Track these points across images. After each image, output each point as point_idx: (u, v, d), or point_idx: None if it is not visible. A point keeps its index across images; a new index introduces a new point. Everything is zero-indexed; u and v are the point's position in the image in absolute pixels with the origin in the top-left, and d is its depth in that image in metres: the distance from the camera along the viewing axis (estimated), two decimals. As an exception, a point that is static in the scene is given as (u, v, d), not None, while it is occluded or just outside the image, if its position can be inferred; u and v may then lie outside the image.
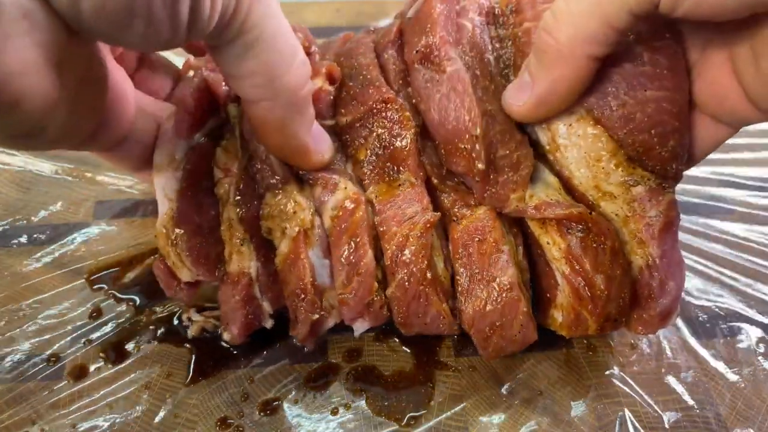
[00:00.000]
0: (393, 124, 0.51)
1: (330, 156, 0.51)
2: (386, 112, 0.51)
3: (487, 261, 0.49)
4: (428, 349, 0.57)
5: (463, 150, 0.48)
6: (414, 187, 0.50)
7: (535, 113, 0.46)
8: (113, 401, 0.53)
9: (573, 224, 0.47)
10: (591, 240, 0.47)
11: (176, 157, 0.51)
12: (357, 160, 0.52)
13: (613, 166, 0.47)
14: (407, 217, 0.49)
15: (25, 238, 0.63)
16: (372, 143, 0.51)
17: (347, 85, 0.54)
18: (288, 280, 0.50)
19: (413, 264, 0.48)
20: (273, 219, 0.50)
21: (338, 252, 0.49)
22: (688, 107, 0.46)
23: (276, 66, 0.41)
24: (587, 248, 0.47)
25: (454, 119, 0.48)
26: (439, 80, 0.49)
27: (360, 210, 0.49)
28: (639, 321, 0.50)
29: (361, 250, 0.49)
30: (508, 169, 0.49)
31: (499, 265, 0.49)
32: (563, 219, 0.47)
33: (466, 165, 0.48)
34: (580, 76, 0.43)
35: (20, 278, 0.60)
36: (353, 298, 0.49)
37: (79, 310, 0.58)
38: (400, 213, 0.50)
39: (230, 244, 0.51)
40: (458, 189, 0.51)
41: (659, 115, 0.45)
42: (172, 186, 0.51)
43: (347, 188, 0.50)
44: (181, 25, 0.33)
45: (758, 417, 0.54)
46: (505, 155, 0.49)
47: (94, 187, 0.68)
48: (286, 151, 0.48)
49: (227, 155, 0.53)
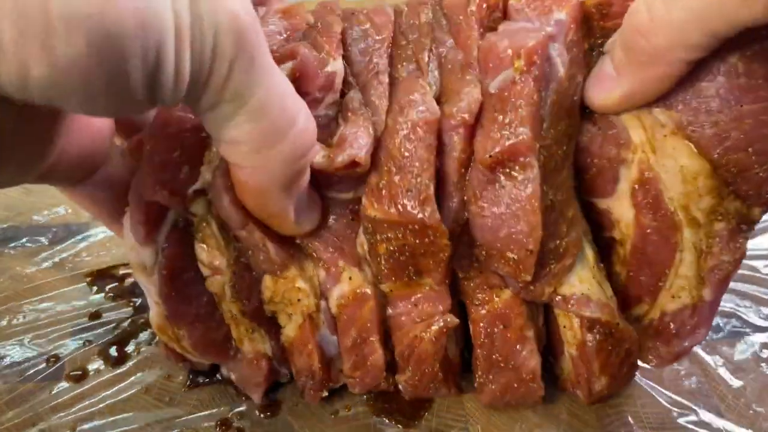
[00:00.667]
0: (429, 247, 0.43)
1: (310, 228, 0.44)
2: (425, 237, 0.42)
3: (510, 349, 0.47)
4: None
5: (511, 260, 0.43)
6: (436, 291, 0.46)
7: (618, 107, 0.43)
8: (113, 403, 0.53)
9: (597, 326, 0.45)
10: (608, 344, 0.45)
11: (147, 266, 0.45)
12: (374, 251, 0.44)
13: (707, 189, 0.42)
14: (424, 316, 0.46)
15: (27, 240, 0.63)
16: (397, 246, 0.43)
17: (385, 167, 0.42)
18: (296, 360, 0.49)
19: (426, 365, 0.47)
20: (276, 304, 0.47)
21: (345, 340, 0.47)
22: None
23: (266, 136, 0.35)
24: (601, 350, 0.45)
25: (510, 230, 0.42)
26: (506, 188, 0.42)
27: (368, 306, 0.46)
28: (655, 353, 0.48)
29: (369, 347, 0.47)
30: (552, 261, 0.44)
31: (522, 354, 0.47)
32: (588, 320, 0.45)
33: (510, 272, 0.44)
34: (671, 76, 0.40)
35: (21, 280, 0.60)
36: (359, 383, 0.49)
37: (79, 312, 0.58)
38: (416, 310, 0.46)
39: (237, 331, 0.49)
40: (483, 271, 0.46)
41: (757, 129, 0.40)
42: (154, 291, 0.46)
43: (353, 279, 0.46)
44: (138, 95, 0.29)
45: (758, 419, 0.54)
46: (553, 248, 0.43)
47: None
48: (258, 213, 0.42)
49: (209, 252, 0.45)
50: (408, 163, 0.42)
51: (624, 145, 0.44)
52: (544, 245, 0.42)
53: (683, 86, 0.41)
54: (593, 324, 0.44)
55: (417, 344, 0.46)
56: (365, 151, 0.41)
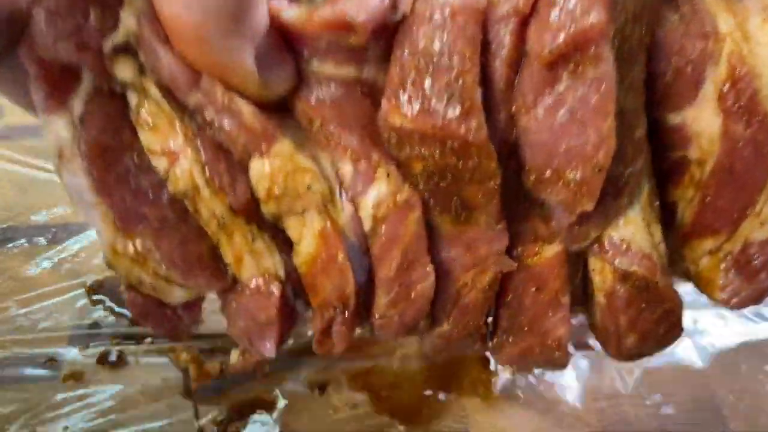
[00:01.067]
0: (474, 173, 0.35)
1: (283, 90, 0.33)
2: (469, 159, 0.34)
3: (540, 314, 0.40)
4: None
5: (571, 181, 0.34)
6: (494, 230, 0.37)
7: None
8: (111, 406, 0.52)
9: (632, 279, 0.39)
10: (641, 300, 0.39)
11: (65, 148, 0.33)
12: (408, 171, 0.35)
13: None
14: (477, 261, 0.38)
15: (25, 241, 0.63)
16: (436, 168, 0.34)
17: (413, 62, 0.33)
18: (319, 285, 0.37)
19: (470, 317, 0.40)
20: (278, 202, 0.35)
21: (386, 265, 0.37)
22: None
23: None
24: (631, 306, 0.39)
25: (573, 142, 0.34)
26: (571, 87, 0.33)
27: (414, 217, 0.35)
28: (732, 292, 0.41)
29: (418, 271, 0.37)
30: (610, 197, 0.36)
31: (552, 320, 0.41)
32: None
33: (567, 199, 0.35)
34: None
35: (19, 281, 0.60)
36: (398, 322, 0.39)
37: (77, 315, 0.58)
38: (467, 254, 0.38)
39: (231, 246, 0.36)
40: (529, 215, 0.38)
41: None
42: (85, 184, 0.33)
43: (391, 177, 0.34)
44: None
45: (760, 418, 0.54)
46: (612, 178, 0.35)
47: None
48: (204, 67, 0.31)
49: (157, 133, 0.33)
50: (444, 61, 0.32)
51: (710, 36, 0.36)
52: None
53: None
54: (627, 276, 0.38)
55: (465, 293, 0.39)
56: (366, 16, 0.31)
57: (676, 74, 0.37)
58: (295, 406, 0.53)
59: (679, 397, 0.55)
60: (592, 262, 0.40)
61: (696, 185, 0.39)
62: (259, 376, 0.53)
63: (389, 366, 0.55)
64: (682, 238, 0.41)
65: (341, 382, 0.54)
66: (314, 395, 0.53)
